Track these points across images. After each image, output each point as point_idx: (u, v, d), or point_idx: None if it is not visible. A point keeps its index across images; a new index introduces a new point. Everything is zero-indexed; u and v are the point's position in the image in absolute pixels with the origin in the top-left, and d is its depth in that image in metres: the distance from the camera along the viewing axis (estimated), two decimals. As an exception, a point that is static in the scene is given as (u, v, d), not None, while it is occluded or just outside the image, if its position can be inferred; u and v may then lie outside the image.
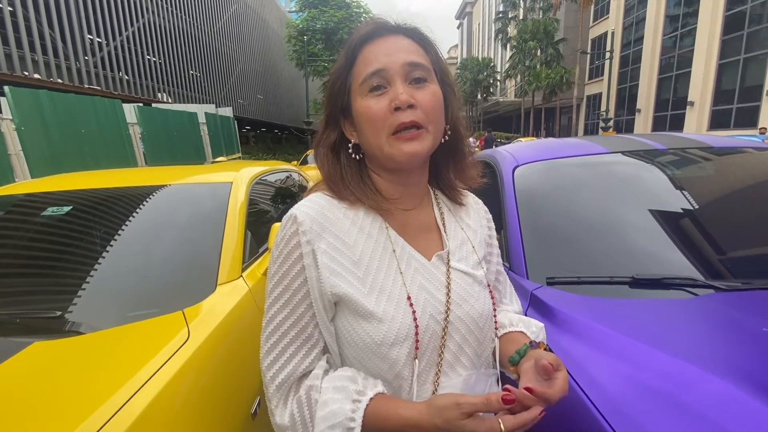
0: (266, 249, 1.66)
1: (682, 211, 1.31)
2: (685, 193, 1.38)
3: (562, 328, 0.98)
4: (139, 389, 0.84)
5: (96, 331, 1.06)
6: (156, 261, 1.36)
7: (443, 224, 0.69)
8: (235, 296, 1.30)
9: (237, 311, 1.25)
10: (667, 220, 1.29)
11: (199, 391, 0.97)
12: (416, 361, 0.57)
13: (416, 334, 0.57)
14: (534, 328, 0.71)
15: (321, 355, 0.59)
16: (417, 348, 0.57)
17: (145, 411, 0.81)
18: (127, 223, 1.47)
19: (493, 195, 1.62)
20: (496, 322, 0.68)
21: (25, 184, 1.78)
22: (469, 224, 0.72)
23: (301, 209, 0.59)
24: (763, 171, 1.47)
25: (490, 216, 0.78)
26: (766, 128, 11.95)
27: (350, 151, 0.64)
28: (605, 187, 1.48)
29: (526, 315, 1.06)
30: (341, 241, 0.59)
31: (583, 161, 1.61)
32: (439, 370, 0.60)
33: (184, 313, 1.12)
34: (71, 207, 1.51)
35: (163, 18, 18.50)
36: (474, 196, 0.78)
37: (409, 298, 0.58)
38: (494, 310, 0.67)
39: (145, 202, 1.58)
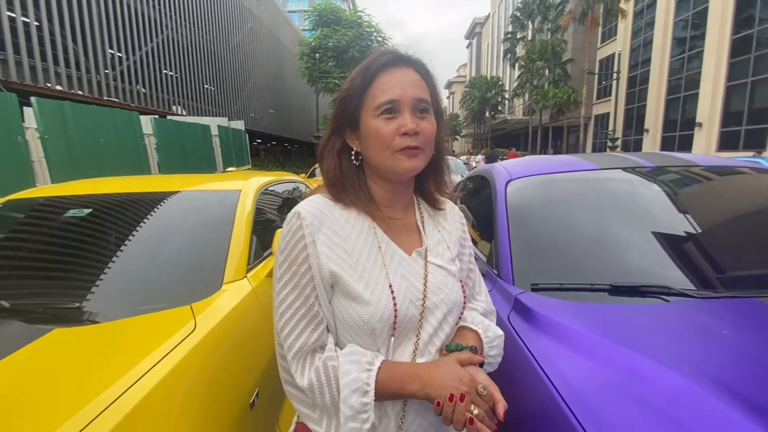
0: (270, 253, 1.76)
1: (660, 224, 1.38)
2: (665, 207, 1.46)
3: (539, 329, 1.05)
4: (149, 370, 0.93)
5: (111, 320, 1.15)
6: (168, 260, 1.46)
7: (423, 226, 0.79)
8: (239, 294, 1.39)
9: (241, 308, 1.34)
10: (646, 232, 1.36)
11: (202, 378, 1.05)
12: (391, 339, 0.68)
13: (395, 317, 0.67)
14: (490, 334, 0.78)
15: (326, 331, 0.69)
16: (394, 329, 0.68)
17: (152, 390, 0.89)
18: (142, 225, 1.58)
19: (486, 206, 1.71)
20: (462, 313, 0.77)
21: (51, 188, 1.91)
22: (445, 227, 0.83)
23: (303, 207, 0.70)
24: (739, 189, 1.55)
25: (464, 221, 0.88)
26: (761, 151, 12.05)
27: (352, 157, 0.74)
28: (590, 200, 1.56)
29: (508, 317, 1.15)
30: (336, 234, 0.69)
31: (572, 177, 1.69)
32: (415, 350, 0.70)
33: (191, 307, 1.22)
34: (92, 209, 1.63)
35: (181, 35, 19.16)
36: (451, 203, 0.88)
37: (390, 286, 0.68)
38: (464, 300, 0.77)
39: (159, 207, 1.69)
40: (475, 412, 0.60)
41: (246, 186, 1.91)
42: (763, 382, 0.77)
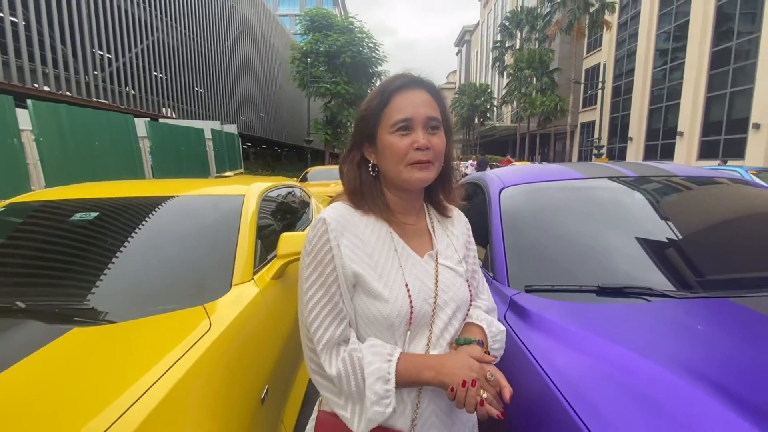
0: (274, 256, 1.81)
1: (643, 230, 1.49)
2: (647, 215, 1.57)
3: (533, 326, 1.14)
4: (173, 365, 0.98)
5: (128, 320, 1.20)
6: (179, 263, 1.52)
7: (433, 231, 0.87)
8: (248, 296, 1.44)
9: (249, 309, 1.40)
10: (630, 237, 1.47)
11: (219, 374, 1.11)
12: (408, 333, 0.76)
13: (411, 313, 0.75)
14: (494, 329, 0.86)
15: (349, 326, 0.76)
16: (410, 324, 0.75)
17: (177, 384, 0.95)
18: (153, 228, 1.64)
19: (481, 212, 1.80)
20: (469, 310, 0.85)
21: (60, 191, 1.94)
22: (453, 231, 0.90)
23: (328, 213, 0.77)
24: (716, 198, 1.67)
25: (469, 226, 0.96)
26: (726, 159, 12.67)
27: (369, 169, 0.82)
28: (579, 208, 1.66)
29: (504, 316, 1.24)
30: (358, 238, 0.77)
31: (561, 185, 1.80)
32: (429, 343, 0.77)
33: (205, 308, 1.28)
34: (105, 212, 1.68)
35: (172, 37, 19.03)
36: (458, 210, 0.96)
37: (406, 285, 0.76)
38: (471, 297, 0.85)
39: (169, 211, 1.75)
40: (485, 395, 0.67)
41: (249, 191, 1.97)
42: (734, 371, 0.87)
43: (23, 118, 3.91)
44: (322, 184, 8.20)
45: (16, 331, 1.16)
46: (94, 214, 1.66)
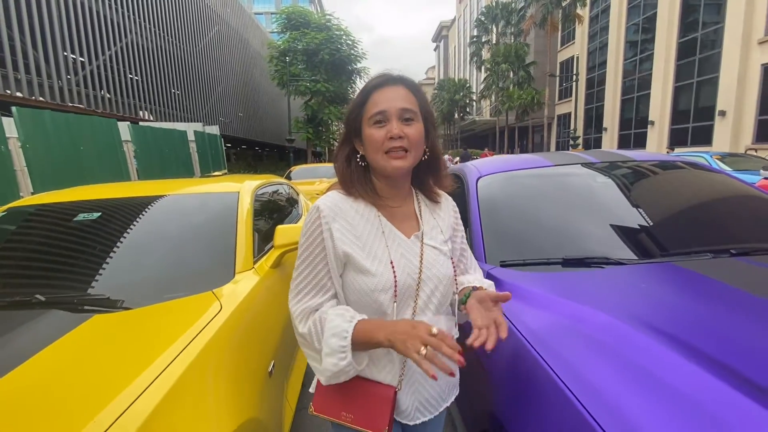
0: (271, 247, 1.95)
1: (601, 209, 1.69)
2: (608, 194, 1.77)
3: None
4: (192, 341, 1.11)
5: (146, 306, 1.32)
6: (186, 254, 1.64)
7: (420, 214, 0.96)
8: (250, 283, 1.58)
9: (253, 293, 1.53)
10: (591, 216, 1.67)
11: (233, 349, 1.24)
12: (394, 303, 0.86)
13: (395, 286, 0.85)
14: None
15: (330, 298, 0.86)
16: (395, 295, 0.86)
17: (198, 357, 1.07)
18: (157, 225, 1.75)
19: (461, 199, 1.98)
20: (456, 283, 0.96)
21: (65, 193, 2.02)
22: (440, 214, 0.99)
23: (322, 202, 0.87)
24: (666, 180, 1.88)
25: (457, 209, 1.06)
26: (674, 147, 13.34)
27: (358, 159, 0.91)
28: (547, 191, 1.85)
29: (482, 287, 1.41)
30: (348, 222, 0.87)
31: (531, 173, 1.99)
32: (414, 312, 0.88)
33: (214, 293, 1.41)
34: (114, 211, 1.78)
35: (146, 38, 18.64)
36: (446, 195, 1.06)
37: (392, 262, 0.85)
38: (454, 274, 0.95)
39: (171, 208, 1.86)
40: (423, 351, 0.71)
41: (243, 188, 2.10)
42: (670, 318, 1.06)
43: (8, 125, 3.91)
44: (307, 182, 8.25)
45: (42, 319, 1.26)
46: (104, 213, 1.76)
